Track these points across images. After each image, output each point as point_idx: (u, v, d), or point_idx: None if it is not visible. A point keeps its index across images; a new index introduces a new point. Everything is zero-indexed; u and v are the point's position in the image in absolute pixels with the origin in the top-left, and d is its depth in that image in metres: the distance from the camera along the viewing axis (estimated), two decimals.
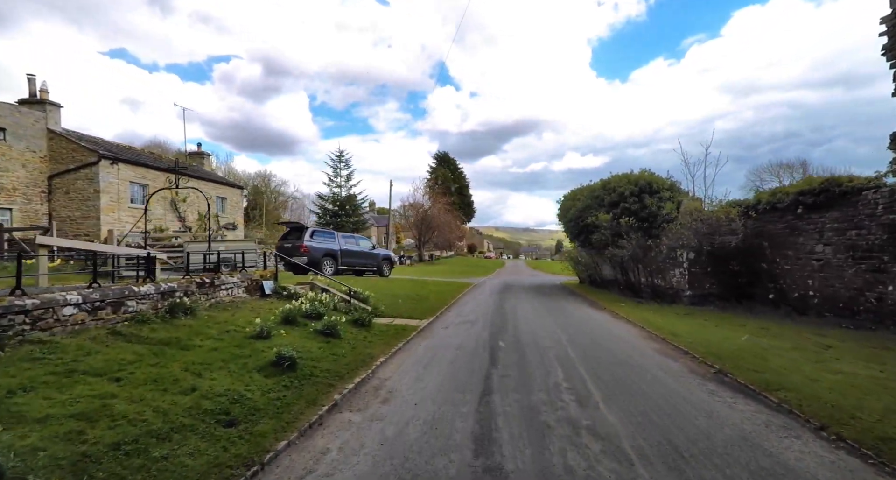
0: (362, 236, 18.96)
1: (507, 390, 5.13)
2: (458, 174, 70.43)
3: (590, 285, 20.39)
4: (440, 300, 14.47)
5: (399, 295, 13.66)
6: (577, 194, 19.92)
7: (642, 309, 12.03)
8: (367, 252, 18.29)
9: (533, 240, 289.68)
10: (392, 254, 19.64)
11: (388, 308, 11.62)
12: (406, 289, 15.36)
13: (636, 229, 13.82)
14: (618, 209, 14.83)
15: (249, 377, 4.96)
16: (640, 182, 14.66)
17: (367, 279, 16.10)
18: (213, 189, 24.24)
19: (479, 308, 12.67)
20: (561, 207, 22.23)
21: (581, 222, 17.78)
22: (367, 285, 14.13)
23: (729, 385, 5.33)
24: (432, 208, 48.94)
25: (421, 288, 16.63)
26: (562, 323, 9.90)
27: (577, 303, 14.20)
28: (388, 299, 12.81)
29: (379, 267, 18.79)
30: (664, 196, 14.03)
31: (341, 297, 10.78)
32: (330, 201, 39.27)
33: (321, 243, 16.39)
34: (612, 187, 15.72)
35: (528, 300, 15.12)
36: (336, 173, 39.48)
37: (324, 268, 16.30)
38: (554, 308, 12.69)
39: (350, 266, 17.69)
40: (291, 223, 17.58)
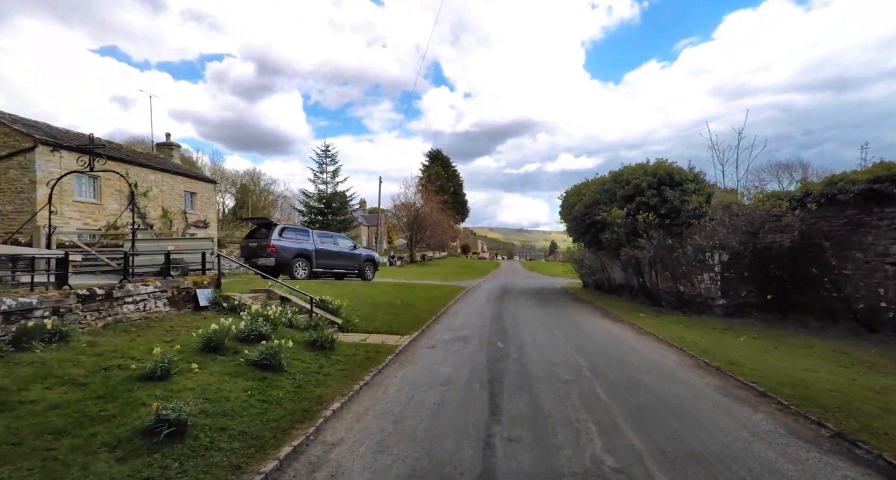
0: (342, 235, 16.90)
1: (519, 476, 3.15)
2: (452, 173, 68.49)
3: (595, 289, 18.50)
4: (428, 308, 12.47)
5: (380, 303, 11.65)
6: (583, 188, 18.01)
7: (668, 322, 10.12)
8: (348, 253, 16.23)
9: (527, 241, 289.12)
10: (376, 255, 17.63)
11: (363, 320, 9.62)
12: (390, 295, 13.36)
13: (656, 226, 11.92)
14: (633, 204, 12.93)
15: (88, 466, 2.93)
16: (660, 173, 12.77)
17: (346, 284, 14.08)
18: (181, 183, 22.04)
19: (474, 319, 10.69)
20: (563, 203, 20.31)
21: (588, 219, 15.88)
22: (344, 292, 12.11)
23: (873, 465, 3.38)
24: (424, 207, 46.95)
25: (408, 294, 14.63)
26: (577, 342, 7.95)
27: (587, 312, 12.27)
28: (365, 308, 10.80)
29: (361, 270, 16.74)
30: (688, 189, 12.14)
31: (304, 308, 8.75)
32: (315, 198, 37.07)
33: (293, 243, 14.31)
34: (625, 179, 13.82)
35: (529, 307, 13.17)
36: (322, 169, 37.28)
37: (296, 271, 14.24)
38: (562, 319, 10.75)
39: (327, 269, 15.63)
40: (258, 219, 15.41)
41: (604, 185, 15.17)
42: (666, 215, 12.15)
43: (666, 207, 12.23)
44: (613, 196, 14.25)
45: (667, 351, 7.23)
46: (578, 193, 18.29)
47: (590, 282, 19.43)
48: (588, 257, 18.60)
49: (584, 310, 12.86)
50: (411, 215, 46.89)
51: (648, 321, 10.25)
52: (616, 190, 14.11)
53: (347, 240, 16.79)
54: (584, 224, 16.43)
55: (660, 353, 7.09)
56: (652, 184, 12.74)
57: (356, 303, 11.04)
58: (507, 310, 12.48)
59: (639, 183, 13.05)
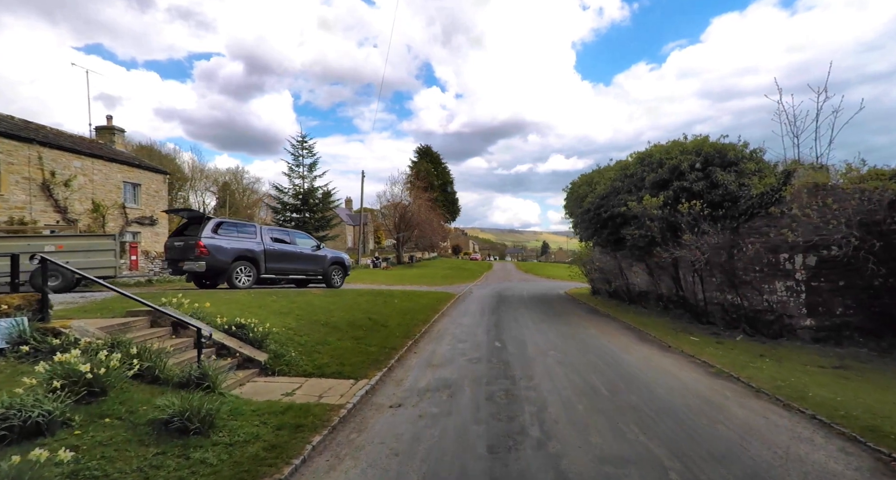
0: (301, 233, 13.75)
1: None
2: (442, 170, 65.41)
3: (609, 297, 15.60)
4: (404, 328, 9.43)
5: (339, 323, 8.58)
6: (596, 177, 15.10)
7: (738, 352, 7.18)
8: (309, 255, 13.08)
9: (518, 241, 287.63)
10: (345, 257, 14.50)
11: (304, 353, 6.57)
12: (357, 309, 10.29)
13: (708, 218, 9.01)
14: (669, 191, 10.02)
15: None
16: (705, 151, 9.85)
17: (303, 294, 10.98)
18: (120, 172, 18.63)
19: (464, 346, 7.67)
20: (569, 196, 17.37)
21: (603, 213, 12.96)
22: (294, 306, 9.01)
23: None
24: (412, 205, 43.85)
25: (382, 306, 11.55)
26: (631, 398, 4.93)
27: (615, 332, 9.30)
28: (315, 331, 7.74)
29: (326, 275, 13.60)
30: (746, 169, 9.25)
31: (211, 340, 5.65)
32: (290, 194, 33.67)
33: (232, 242, 11.13)
34: (656, 160, 10.91)
35: (536, 324, 10.18)
36: (298, 162, 33.87)
37: (236, 278, 11.06)
38: (588, 346, 7.76)
39: (281, 274, 12.47)
40: (186, 211, 12.13)
41: (625, 170, 12.25)
42: (718, 204, 9.25)
43: (716, 193, 9.33)
44: (640, 183, 11.33)
45: (798, 423, 4.25)
46: (590, 182, 15.36)
47: (601, 288, 16.51)
48: (601, 259, 15.68)
49: (608, 328, 9.90)
50: (398, 214, 43.76)
51: (709, 350, 7.31)
52: (644, 175, 11.19)
53: (308, 239, 13.63)
54: (597, 219, 13.51)
55: (791, 431, 4.11)
56: (695, 164, 9.83)
57: (304, 324, 7.96)
58: (507, 330, 9.48)
59: (676, 164, 10.14)
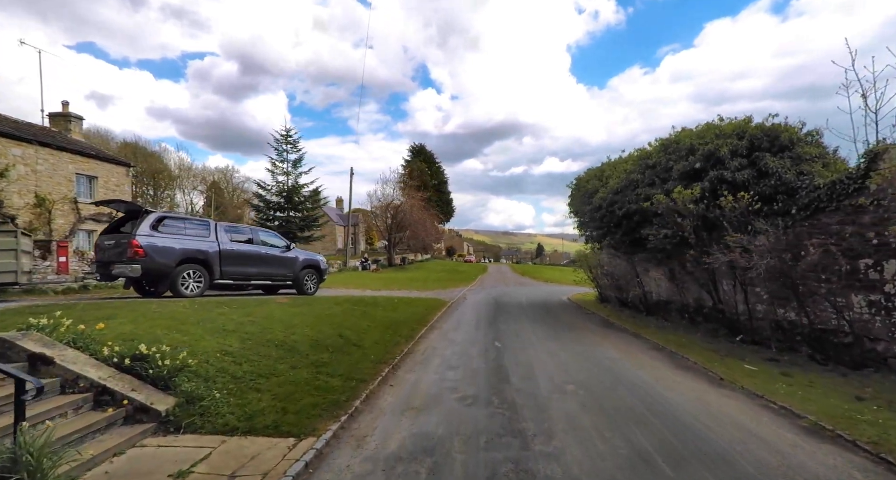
0: (268, 231, 11.86)
1: None
2: (436, 169, 63.63)
3: (620, 306, 13.85)
4: (383, 347, 7.58)
5: (298, 343, 6.72)
6: (607, 169, 13.37)
7: (823, 388, 5.40)
8: (276, 257, 11.19)
9: (513, 243, 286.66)
10: (320, 259, 12.63)
11: (234, 393, 4.70)
12: (328, 322, 8.43)
13: (760, 213, 7.26)
14: (704, 182, 8.29)
15: None
16: (751, 133, 8.12)
17: (264, 303, 9.12)
18: (72, 162, 16.57)
19: (456, 376, 5.83)
20: (575, 191, 15.64)
21: (617, 209, 11.22)
22: (246, 320, 7.13)
23: None
24: (405, 204, 41.99)
25: (359, 318, 9.70)
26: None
27: (642, 356, 7.48)
28: (263, 356, 5.89)
29: (297, 280, 11.71)
30: (804, 154, 7.52)
31: (91, 381, 3.79)
32: (273, 191, 31.64)
33: (177, 241, 9.22)
34: (684, 146, 9.18)
35: (543, 343, 8.37)
36: (281, 157, 31.84)
37: (183, 284, 9.16)
38: (620, 382, 5.94)
39: (241, 279, 10.57)
40: (118, 203, 10.05)
41: (646, 159, 10.50)
42: (769, 198, 7.51)
43: (766, 184, 7.58)
44: (665, 174, 9.59)
45: None
46: (600, 175, 13.62)
47: (611, 296, 14.77)
48: (611, 262, 13.93)
49: (631, 349, 8.10)
50: (390, 214, 41.89)
51: (779, 387, 5.53)
52: (670, 164, 9.45)
53: (277, 238, 11.72)
54: (611, 217, 11.77)
55: None
56: (738, 150, 8.08)
57: (251, 346, 6.11)
58: (509, 349, 7.67)
59: (713, 150, 8.39)
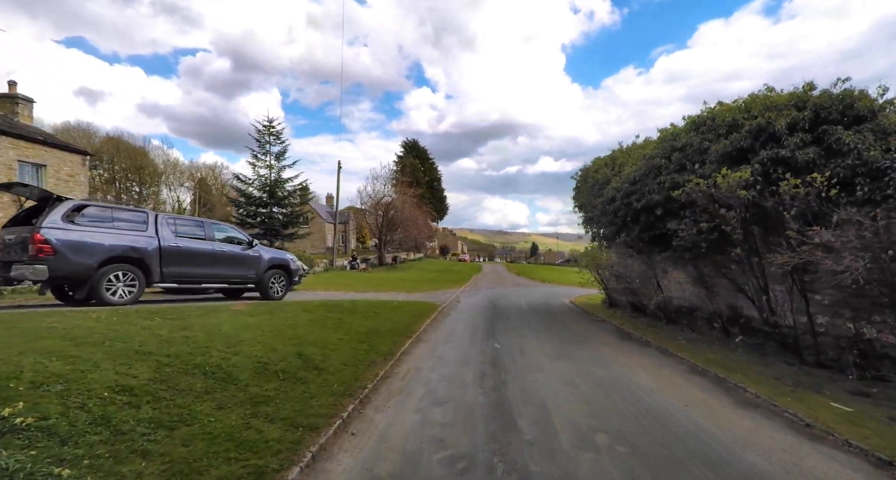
0: (225, 225, 10.09)
1: None
2: (430, 165, 61.92)
3: (634, 311, 12.25)
4: (352, 370, 5.85)
5: (237, 368, 4.97)
6: (620, 156, 11.74)
7: None
8: (234, 255, 9.44)
9: (507, 242, 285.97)
10: (290, 258, 10.88)
11: (104, 469, 2.94)
12: (288, 337, 6.72)
13: (831, 201, 5.66)
14: (754, 165, 6.68)
15: None
16: (816, 103, 6.52)
17: (216, 311, 7.39)
18: (13, 149, 14.65)
19: (443, 426, 4.10)
20: (581, 183, 14.01)
21: (635, 200, 9.62)
22: (183, 335, 5.36)
23: None
24: (396, 201, 40.25)
25: (331, 329, 7.99)
26: None
27: (687, 386, 5.80)
28: (179, 391, 4.09)
29: (261, 282, 9.97)
30: (893, 125, 5.94)
31: None
32: (256, 185, 29.69)
33: (100, 235, 7.44)
34: (724, 122, 7.57)
35: (554, 362, 6.69)
36: (264, 149, 29.85)
37: (108, 288, 7.41)
38: (671, 430, 4.26)
39: (189, 281, 8.81)
40: (19, 187, 8.02)
41: (672, 140, 8.87)
42: (846, 182, 5.91)
43: (840, 164, 5.99)
44: (699, 156, 7.97)
45: None
46: (612, 163, 11.99)
47: (622, 300, 13.18)
48: (622, 262, 12.32)
49: (666, 372, 6.47)
50: (380, 211, 40.13)
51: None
52: (705, 144, 7.83)
53: (237, 234, 9.95)
54: (626, 210, 10.16)
55: None
56: (799, 123, 6.48)
57: (167, 375, 4.38)
58: (513, 373, 6.00)
59: (764, 125, 6.78)
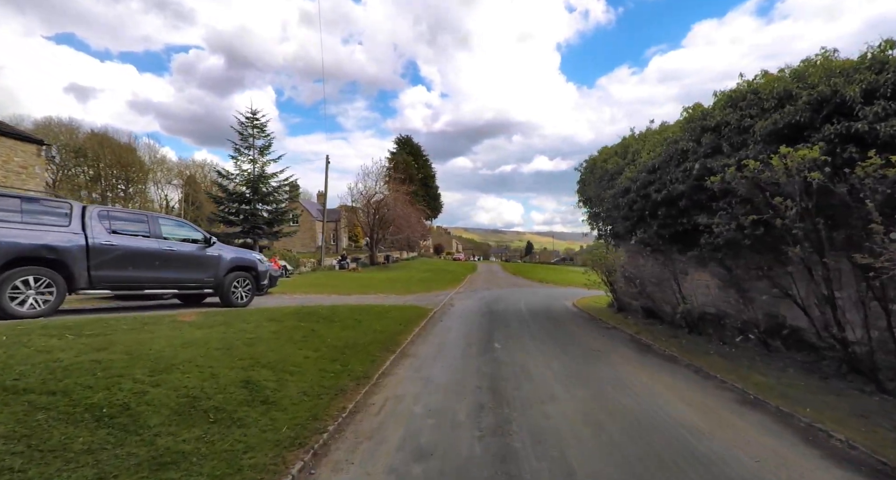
0: (176, 220, 8.65)
1: None
2: (424, 162, 60.48)
3: (647, 317, 10.95)
4: (311, 404, 4.42)
5: (148, 408, 3.52)
6: (633, 143, 10.42)
7: None
8: (185, 255, 8.01)
9: (502, 241, 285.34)
10: (257, 258, 9.44)
11: None
12: (239, 357, 5.31)
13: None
14: (816, 143, 5.37)
15: None
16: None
17: (155, 322, 5.98)
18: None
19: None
20: (587, 175, 12.68)
21: (654, 192, 8.30)
22: (94, 358, 3.95)
23: None
24: (388, 198, 38.83)
25: (298, 344, 6.58)
26: None
27: (754, 430, 4.42)
28: (52, 449, 2.68)
29: (220, 287, 8.54)
30: None
31: None
32: (239, 180, 28.10)
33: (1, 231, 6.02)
34: (772, 93, 6.25)
35: (571, 390, 5.28)
36: (246, 143, 28.27)
37: (10, 298, 5.98)
38: None
39: (128, 286, 7.38)
40: None
41: (702, 120, 7.55)
42: None
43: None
44: (739, 136, 6.65)
45: None
46: (623, 152, 10.66)
47: (632, 305, 11.87)
48: (634, 262, 11.01)
49: (712, 404, 5.10)
50: (371, 209, 38.69)
51: None
52: (747, 121, 6.51)
53: (190, 230, 8.50)
54: (643, 203, 8.84)
55: None
56: (879, 88, 5.18)
57: (37, 425, 2.98)
58: (519, 409, 4.60)
59: (829, 93, 5.47)
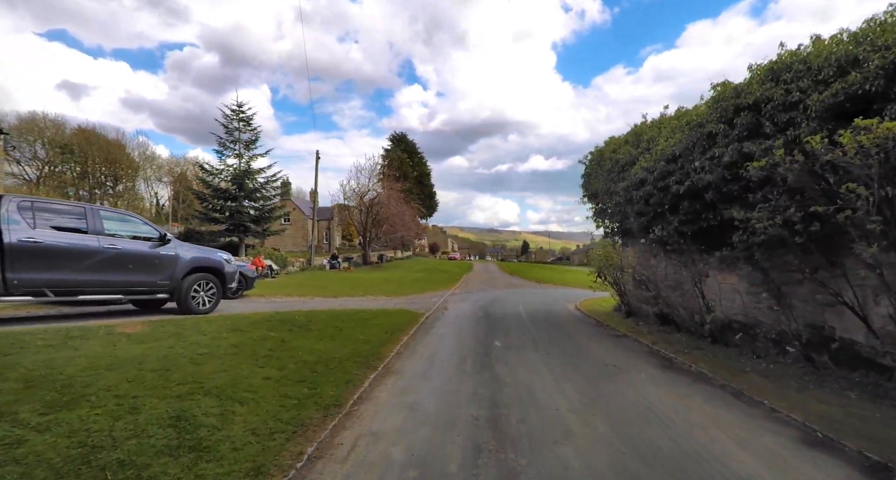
0: (120, 212, 7.51)
1: None
2: (419, 160, 59.33)
3: (661, 323, 9.93)
4: (255, 450, 3.25)
5: (17, 475, 2.45)
6: (646, 131, 9.40)
7: None
8: (132, 254, 6.89)
9: (498, 240, 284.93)
10: (222, 258, 8.30)
11: None
12: (180, 380, 4.21)
13: None
14: (889, 115, 4.36)
15: None
16: None
17: (87, 335, 4.89)
18: None
19: None
20: (593, 167, 11.65)
21: (675, 183, 7.28)
22: None
23: None
24: (381, 195, 37.73)
25: (259, 362, 5.48)
26: None
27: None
28: None
29: (177, 291, 7.43)
30: None
31: None
32: (226, 176, 26.81)
33: None
34: (828, 63, 5.23)
35: (592, 425, 4.16)
36: (232, 137, 26.99)
37: None
38: None
39: (60, 290, 6.27)
40: None
41: (735, 97, 6.51)
42: None
43: None
44: (784, 112, 5.61)
45: None
46: (635, 140, 9.63)
47: (642, 309, 10.85)
48: (646, 263, 9.99)
49: (788, 450, 3.99)
50: (364, 206, 37.58)
51: None
52: (795, 96, 5.49)
53: (138, 224, 7.37)
54: (661, 197, 7.81)
55: None
56: None
57: None
58: (526, 453, 3.50)
59: None
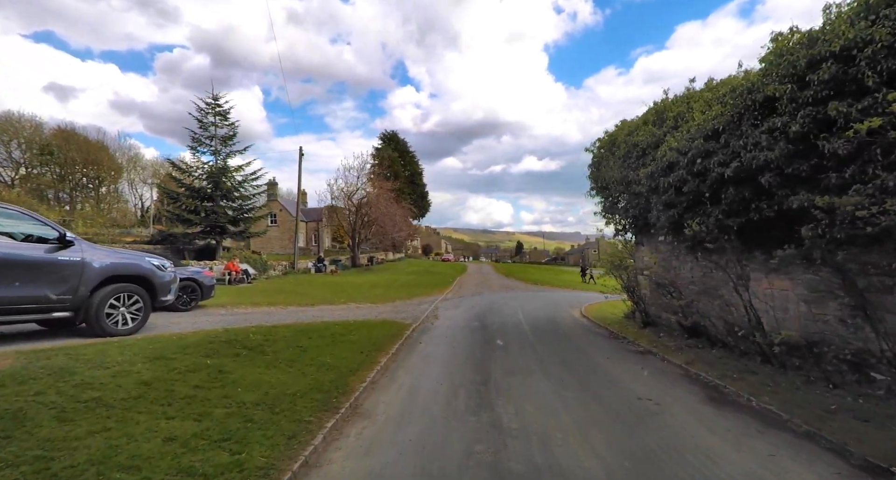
0: (5, 206, 5.91)
1: None
2: (410, 159, 57.68)
3: (690, 336, 8.40)
4: None
5: None
6: (669, 108, 7.91)
7: None
8: (17, 260, 5.26)
9: (491, 241, 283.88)
10: (156, 264, 6.65)
11: None
12: (20, 453, 2.69)
13: None
14: None
15: None
16: None
17: None
18: None
19: None
20: (603, 155, 10.12)
21: (716, 166, 5.77)
22: None
23: None
24: (370, 195, 36.09)
25: (175, 411, 3.82)
26: None
27: None
28: None
29: (88, 307, 5.79)
30: None
31: None
32: (201, 174, 24.97)
33: None
34: None
35: None
36: (208, 133, 25.17)
37: None
38: None
39: None
40: None
41: (808, 46, 5.02)
42: None
43: None
44: (894, 60, 4.15)
45: None
46: (657, 120, 8.13)
47: (664, 318, 9.32)
48: (668, 265, 8.47)
49: None
50: (352, 207, 35.92)
51: None
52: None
53: (26, 222, 5.71)
54: (698, 183, 6.30)
55: None
56: None
57: None
58: None
59: None
